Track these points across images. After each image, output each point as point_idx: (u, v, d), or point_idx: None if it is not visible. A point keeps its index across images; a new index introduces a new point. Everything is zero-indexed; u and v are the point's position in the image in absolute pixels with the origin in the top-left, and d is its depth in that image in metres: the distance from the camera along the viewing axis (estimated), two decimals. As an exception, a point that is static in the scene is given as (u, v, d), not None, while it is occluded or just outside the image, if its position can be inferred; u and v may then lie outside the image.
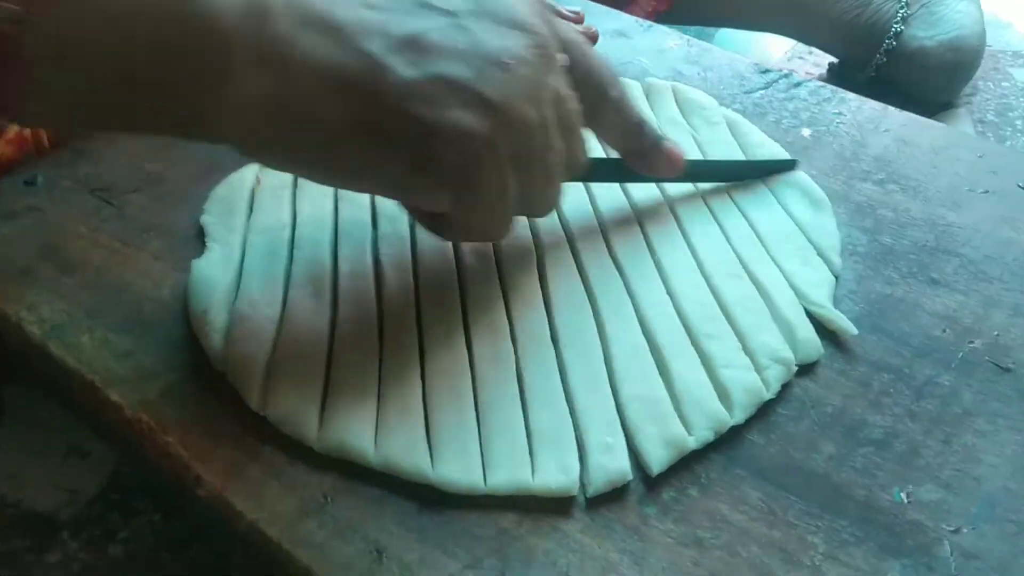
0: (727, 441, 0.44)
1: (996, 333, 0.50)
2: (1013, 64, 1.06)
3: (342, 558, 0.40)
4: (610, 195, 0.57)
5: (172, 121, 0.40)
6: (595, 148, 0.56)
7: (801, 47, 1.06)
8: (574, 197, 0.56)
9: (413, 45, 0.39)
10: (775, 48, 1.06)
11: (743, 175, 0.59)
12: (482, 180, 0.41)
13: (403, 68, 0.39)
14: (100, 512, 0.54)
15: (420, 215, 0.47)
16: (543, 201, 0.46)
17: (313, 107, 0.39)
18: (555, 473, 0.42)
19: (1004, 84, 1.03)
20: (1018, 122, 0.97)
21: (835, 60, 1.02)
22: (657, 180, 0.56)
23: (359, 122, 0.39)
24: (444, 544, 0.40)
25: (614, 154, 0.54)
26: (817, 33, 0.99)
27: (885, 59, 0.95)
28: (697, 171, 0.56)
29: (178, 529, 0.53)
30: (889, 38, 0.94)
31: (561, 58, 0.44)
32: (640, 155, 0.52)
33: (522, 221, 0.53)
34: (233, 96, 0.38)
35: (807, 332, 0.48)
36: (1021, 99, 1.00)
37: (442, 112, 0.39)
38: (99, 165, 0.60)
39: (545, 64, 0.42)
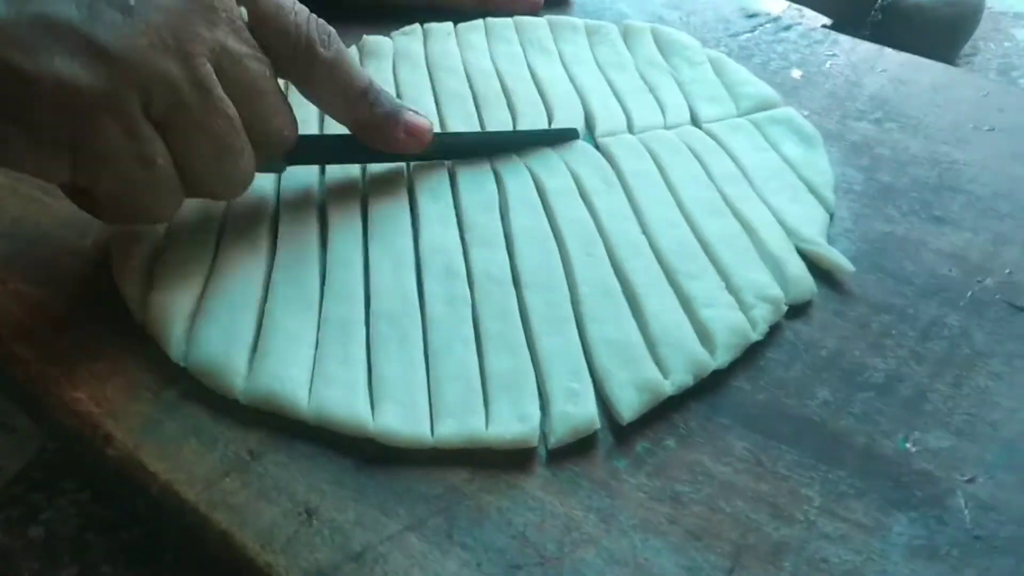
0: (709, 387, 0.39)
1: (1008, 271, 0.45)
2: (1015, 25, 1.01)
3: (265, 521, 0.34)
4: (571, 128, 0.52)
5: None
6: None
7: (793, 9, 1.01)
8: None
9: None
10: (769, 9, 1.01)
11: (512, 147, 0.50)
12: (103, 146, 0.35)
13: None
14: (22, 492, 0.49)
15: (65, 190, 0.40)
16: (220, 179, 0.39)
17: None
18: (512, 422, 0.37)
19: (1006, 44, 0.98)
20: (1022, 81, 0.92)
21: (828, 21, 0.97)
22: (401, 159, 0.48)
23: None
24: (384, 504, 0.35)
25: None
26: (809, -9, 0.94)
27: (880, 16, 0.90)
28: (454, 145, 0.49)
29: (106, 510, 0.47)
30: (884, -6, 0.89)
31: (237, 11, 0.38)
32: (369, 127, 0.45)
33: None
34: None
35: (798, 269, 0.43)
36: (1024, 58, 0.95)
37: (40, 59, 0.33)
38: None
39: (196, 11, 0.36)
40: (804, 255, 0.44)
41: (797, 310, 0.43)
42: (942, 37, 0.89)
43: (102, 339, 0.41)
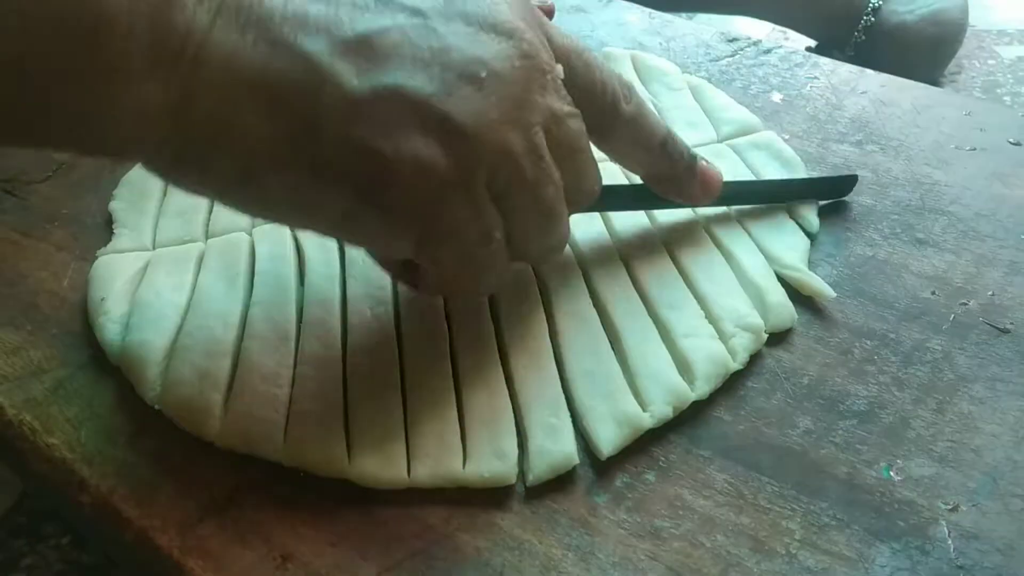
0: (689, 419, 0.39)
1: (991, 293, 0.44)
2: (998, 42, 1.01)
3: (241, 567, 0.34)
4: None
5: (64, 132, 0.30)
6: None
7: (777, 32, 1.02)
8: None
9: (365, 48, 0.31)
10: (751, 34, 1.02)
11: (793, 196, 0.49)
12: (450, 225, 0.33)
13: (349, 77, 0.31)
14: (4, 537, 0.49)
15: (387, 264, 0.40)
16: (545, 244, 0.37)
17: (231, 122, 0.30)
18: (490, 460, 0.36)
19: (990, 62, 0.98)
20: (1007, 98, 0.92)
21: (812, 43, 0.98)
22: (686, 206, 0.46)
23: (290, 144, 0.31)
24: (360, 546, 0.35)
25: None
26: (793, 13, 0.95)
27: (864, 37, 0.91)
28: (737, 193, 0.47)
29: (88, 555, 0.47)
30: (867, 14, 0.90)
31: (557, 70, 0.36)
32: (667, 179, 0.43)
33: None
34: (130, 103, 0.29)
35: (778, 296, 0.43)
36: (1008, 75, 0.96)
37: (397, 139, 0.31)
38: (4, 156, 0.55)
39: (533, 78, 0.34)
40: (785, 281, 0.44)
41: (778, 337, 0.42)
42: (926, 56, 0.90)
43: (77, 382, 0.41)
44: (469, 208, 0.33)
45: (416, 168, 0.32)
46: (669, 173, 0.43)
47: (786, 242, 0.46)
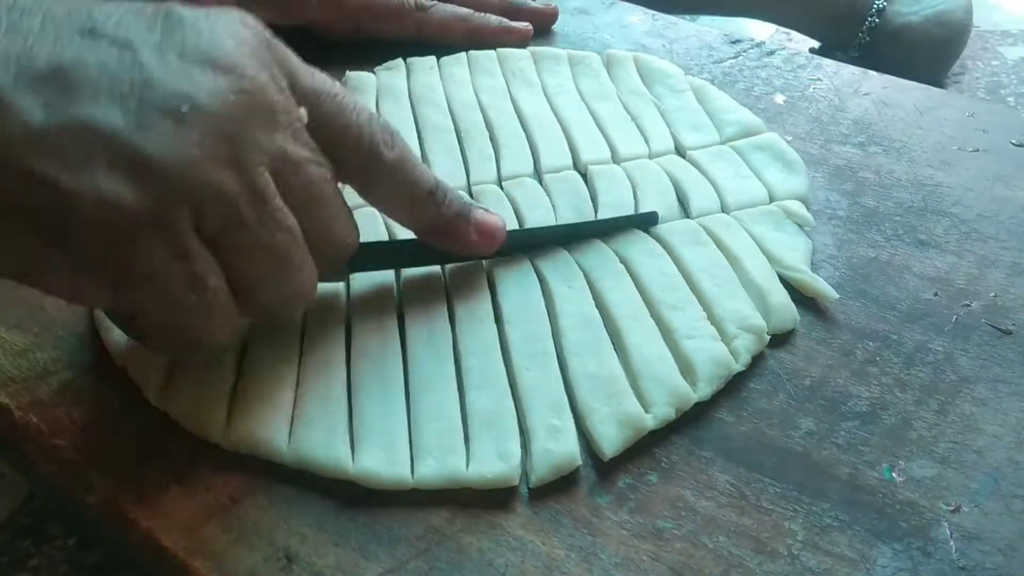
0: (691, 420, 0.39)
1: (993, 294, 0.45)
2: (1002, 43, 1.01)
3: (244, 568, 0.34)
4: (555, 160, 0.52)
5: None
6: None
7: (781, 34, 1.02)
8: (515, 165, 0.51)
9: (58, 80, 0.29)
10: (754, 35, 1.02)
11: (591, 234, 0.47)
12: (146, 269, 0.31)
13: (33, 110, 0.29)
14: (9, 539, 0.49)
15: (110, 315, 0.38)
16: (280, 297, 0.35)
17: None
18: (493, 461, 0.36)
19: (994, 63, 0.98)
20: (1010, 99, 0.92)
21: (816, 45, 0.98)
22: (471, 259, 0.44)
23: None
24: (364, 547, 0.35)
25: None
26: (797, 15, 0.95)
27: (868, 38, 0.91)
28: (528, 239, 0.46)
29: (93, 556, 0.47)
30: (871, 15, 0.90)
31: (297, 113, 0.34)
32: (438, 230, 0.41)
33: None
34: None
35: (781, 297, 0.43)
36: (1012, 76, 0.96)
37: (80, 173, 0.29)
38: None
39: (254, 115, 0.32)
40: (787, 283, 0.44)
41: (780, 338, 0.42)
42: (931, 57, 0.90)
43: (83, 384, 0.41)
44: (168, 251, 0.31)
45: (99, 205, 0.29)
46: (438, 222, 0.41)
47: (788, 243, 0.46)
